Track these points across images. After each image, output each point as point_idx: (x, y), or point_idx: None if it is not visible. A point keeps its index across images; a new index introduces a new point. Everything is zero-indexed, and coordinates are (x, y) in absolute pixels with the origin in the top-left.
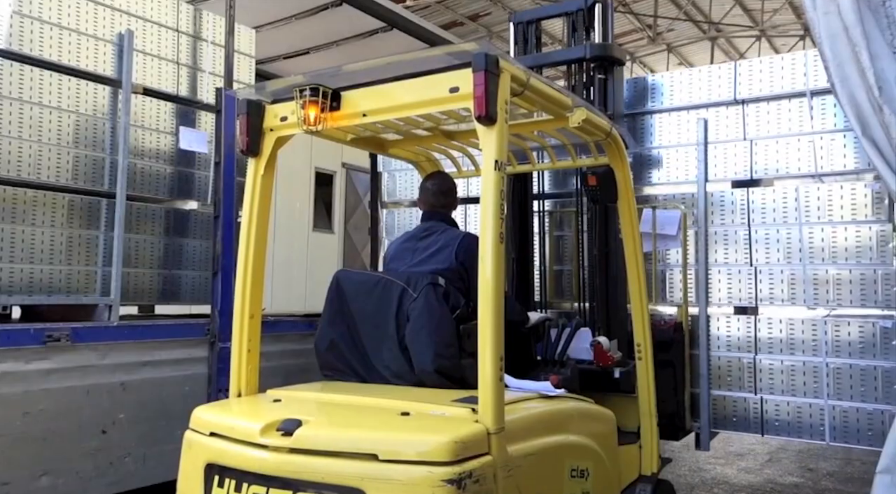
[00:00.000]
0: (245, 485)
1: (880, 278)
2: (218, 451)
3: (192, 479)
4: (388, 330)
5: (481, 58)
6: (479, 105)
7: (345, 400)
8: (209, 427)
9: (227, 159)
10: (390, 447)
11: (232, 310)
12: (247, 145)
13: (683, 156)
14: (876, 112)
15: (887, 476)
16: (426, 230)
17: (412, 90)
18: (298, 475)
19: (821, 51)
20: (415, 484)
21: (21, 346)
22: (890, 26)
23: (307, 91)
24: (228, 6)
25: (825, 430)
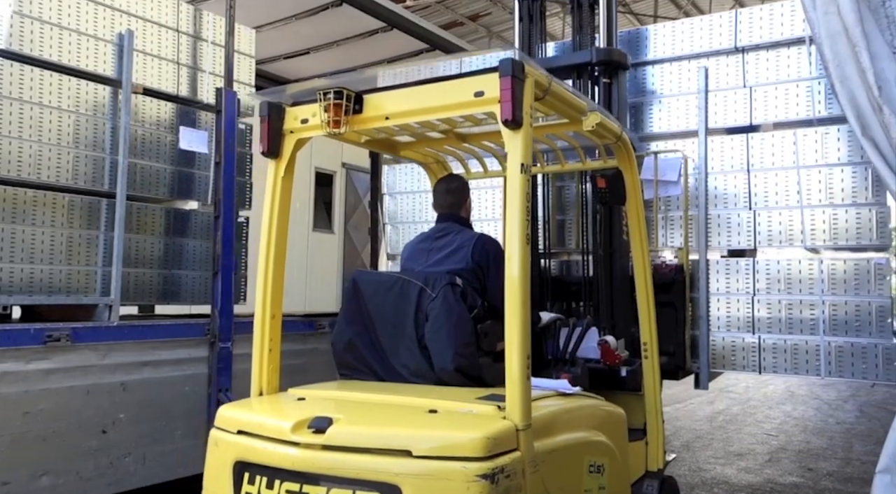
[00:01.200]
0: (277, 482)
1: (875, 217)
2: (247, 449)
3: (219, 477)
4: (407, 329)
5: (508, 63)
6: (506, 109)
7: (369, 398)
8: (237, 426)
9: (227, 159)
10: (424, 443)
11: (231, 310)
12: (268, 147)
13: (684, 104)
14: (876, 112)
15: (887, 475)
16: (441, 231)
17: (437, 94)
18: (332, 471)
19: (821, 51)
20: (449, 479)
21: (21, 346)
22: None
23: (331, 94)
24: (228, 6)
25: (821, 365)
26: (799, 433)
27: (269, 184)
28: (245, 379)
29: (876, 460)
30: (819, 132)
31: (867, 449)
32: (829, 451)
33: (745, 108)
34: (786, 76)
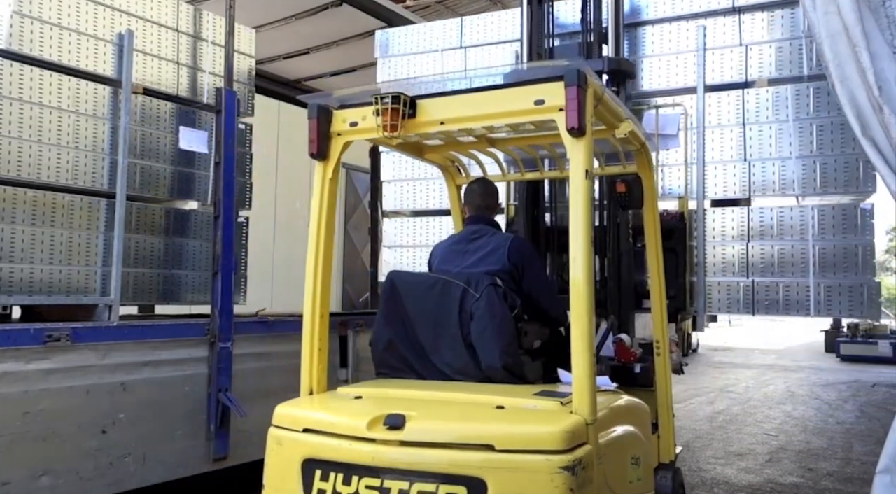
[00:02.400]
0: (355, 478)
1: (861, 166)
2: (318, 447)
3: (286, 475)
4: (450, 328)
5: (574, 73)
6: (571, 118)
7: (428, 395)
8: (302, 424)
9: (227, 159)
10: (507, 438)
11: (231, 310)
12: (317, 149)
13: (682, 62)
14: (876, 112)
15: (887, 475)
16: (475, 233)
17: (496, 101)
18: (415, 466)
19: (821, 50)
20: (534, 472)
21: (21, 346)
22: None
23: (388, 98)
24: (228, 6)
25: (810, 305)
26: (799, 433)
27: (316, 185)
28: (245, 379)
29: (876, 460)
30: (811, 87)
31: (867, 449)
32: (830, 451)
33: (740, 66)
34: (779, 35)
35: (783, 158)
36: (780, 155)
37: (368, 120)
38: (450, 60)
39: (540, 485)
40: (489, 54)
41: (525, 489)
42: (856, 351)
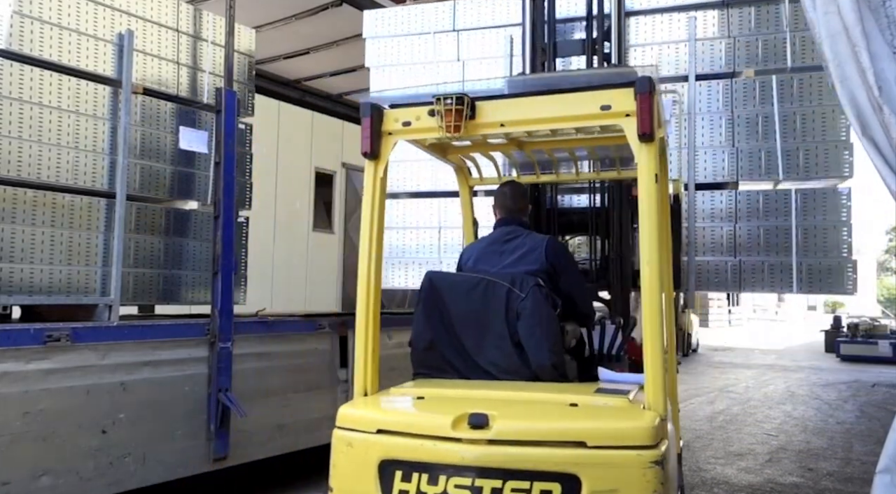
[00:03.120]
0: (443, 478)
1: (840, 153)
2: (397, 447)
3: (359, 477)
4: (496, 328)
5: (646, 81)
6: (644, 124)
7: (489, 394)
8: (375, 425)
9: (227, 159)
10: (599, 434)
11: (231, 310)
12: (371, 148)
13: (674, 51)
14: (876, 112)
15: (887, 475)
16: (509, 234)
17: (560, 105)
18: (507, 464)
19: (821, 50)
20: (627, 467)
21: (21, 346)
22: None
23: (451, 99)
24: (228, 6)
25: (793, 283)
26: (799, 433)
27: (368, 185)
28: (245, 379)
29: (876, 460)
30: (794, 79)
31: (867, 449)
32: (830, 451)
33: (728, 56)
34: (765, 29)
35: (769, 143)
36: (766, 140)
37: (423, 120)
38: (442, 44)
39: (633, 480)
40: (483, 38)
41: (618, 484)
42: (856, 351)
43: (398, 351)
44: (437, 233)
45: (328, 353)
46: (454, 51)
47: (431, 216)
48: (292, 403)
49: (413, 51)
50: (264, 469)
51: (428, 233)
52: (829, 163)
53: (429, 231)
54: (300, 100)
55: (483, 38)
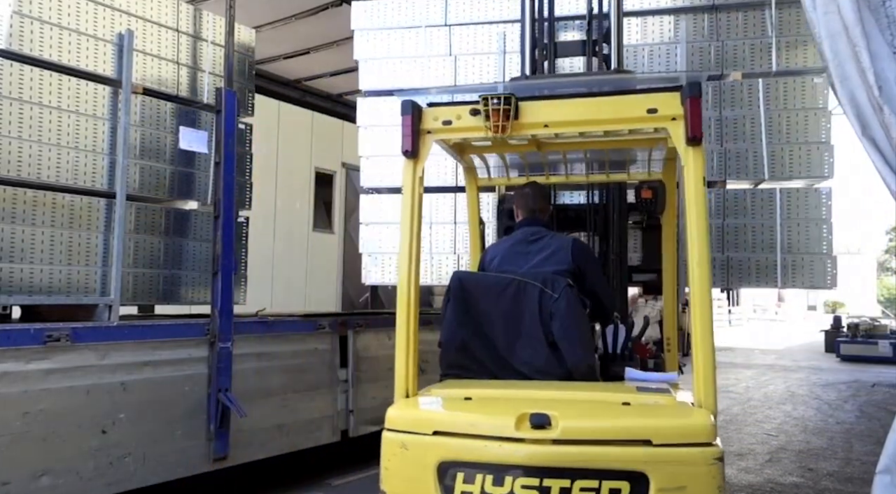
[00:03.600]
0: (509, 479)
1: (822, 154)
2: (458, 449)
3: (416, 479)
4: (529, 328)
5: (697, 86)
6: (694, 127)
7: (538, 394)
8: (430, 427)
9: (227, 159)
10: (664, 432)
11: (231, 310)
12: (411, 146)
13: (665, 52)
14: (876, 112)
15: (887, 476)
16: (534, 234)
17: (606, 107)
18: (574, 463)
19: (821, 50)
20: (692, 464)
21: (21, 346)
22: (890, 26)
23: (497, 99)
24: (228, 6)
25: (778, 277)
26: (799, 433)
27: (407, 184)
28: (245, 379)
29: (876, 460)
30: (779, 82)
31: (867, 450)
32: (830, 451)
33: (717, 59)
34: (752, 34)
35: (755, 144)
36: (753, 141)
37: (465, 119)
38: (433, 38)
39: (699, 477)
40: (475, 33)
41: (685, 481)
42: (856, 351)
43: None
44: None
45: (328, 353)
46: (446, 45)
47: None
48: (292, 403)
49: (404, 44)
50: (264, 469)
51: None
52: (810, 163)
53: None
54: (300, 100)
55: (475, 33)
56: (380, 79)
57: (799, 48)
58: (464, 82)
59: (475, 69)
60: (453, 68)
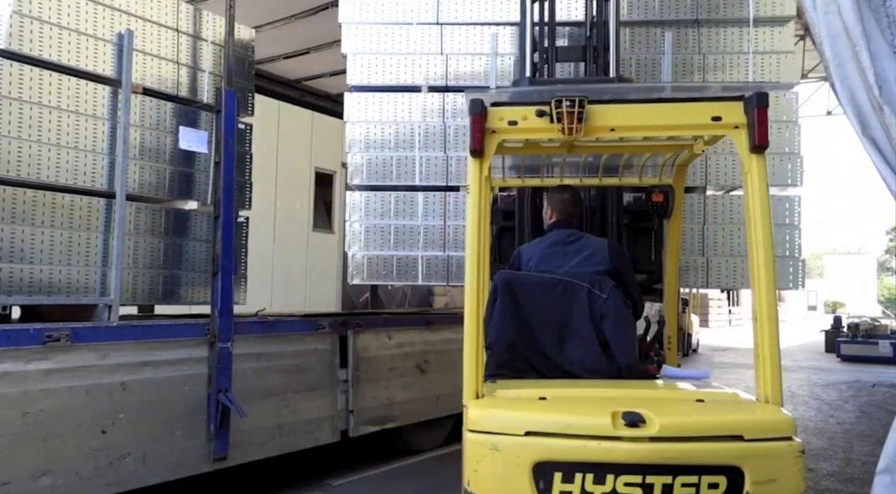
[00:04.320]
0: (611, 477)
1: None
2: (555, 449)
3: (510, 480)
4: (579, 328)
5: (765, 96)
6: (761, 136)
7: (610, 393)
8: (522, 428)
9: (227, 159)
10: (754, 427)
11: (231, 310)
12: (479, 145)
13: (651, 64)
14: (876, 112)
15: (887, 476)
16: (570, 236)
17: (672, 113)
18: (674, 460)
19: (821, 50)
20: (781, 458)
21: (21, 346)
22: (890, 26)
23: (567, 101)
24: (228, 6)
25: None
26: (800, 433)
27: (473, 184)
28: (245, 379)
29: (876, 460)
30: None
31: (867, 450)
32: (830, 451)
33: (700, 70)
34: (731, 48)
35: (734, 154)
36: (732, 151)
37: (530, 120)
38: (425, 36)
39: (787, 469)
40: (467, 33)
41: (776, 474)
42: (856, 351)
43: (398, 351)
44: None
45: (328, 353)
46: (437, 44)
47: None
48: (292, 403)
49: (395, 40)
50: (264, 469)
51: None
52: (783, 172)
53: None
54: (300, 100)
55: (467, 33)
56: (369, 74)
57: (773, 63)
58: (454, 83)
59: (467, 69)
60: (444, 67)
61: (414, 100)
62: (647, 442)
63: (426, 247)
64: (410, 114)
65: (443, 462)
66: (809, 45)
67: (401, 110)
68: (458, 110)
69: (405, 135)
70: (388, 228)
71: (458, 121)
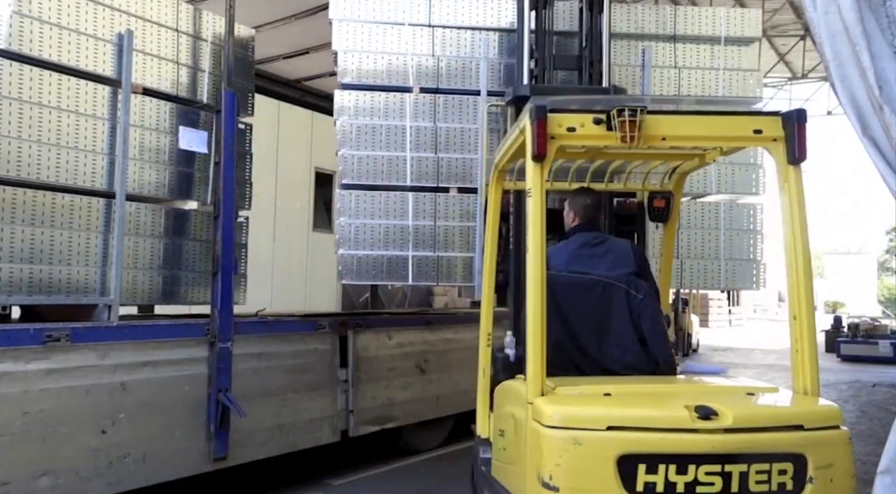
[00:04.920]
0: (692, 467)
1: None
2: (638, 442)
3: (594, 473)
4: (619, 327)
5: (804, 113)
6: (801, 150)
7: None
8: (603, 423)
9: (227, 159)
10: (813, 417)
11: (231, 310)
12: (542, 150)
13: (631, 75)
14: (876, 112)
15: (888, 476)
16: (595, 238)
17: (721, 125)
18: (748, 449)
19: (821, 50)
20: (834, 445)
21: (20, 346)
22: (890, 26)
23: (632, 111)
24: (228, 6)
25: (721, 280)
26: None
27: (535, 187)
28: (245, 379)
29: (877, 461)
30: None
31: (868, 450)
32: None
33: (675, 83)
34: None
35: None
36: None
37: (587, 127)
38: (417, 37)
39: (841, 455)
40: (458, 37)
41: (832, 460)
42: (856, 351)
43: (397, 351)
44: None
45: (328, 353)
46: (430, 45)
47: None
48: (292, 403)
49: (386, 40)
50: (264, 469)
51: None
52: (746, 181)
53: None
54: (300, 100)
55: (458, 37)
56: (359, 73)
57: (739, 80)
58: (447, 85)
59: (458, 71)
60: (436, 68)
61: (406, 100)
62: (722, 434)
63: (416, 248)
64: (402, 114)
65: (443, 462)
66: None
67: (392, 110)
68: (451, 112)
69: (397, 135)
70: (379, 228)
71: (450, 124)
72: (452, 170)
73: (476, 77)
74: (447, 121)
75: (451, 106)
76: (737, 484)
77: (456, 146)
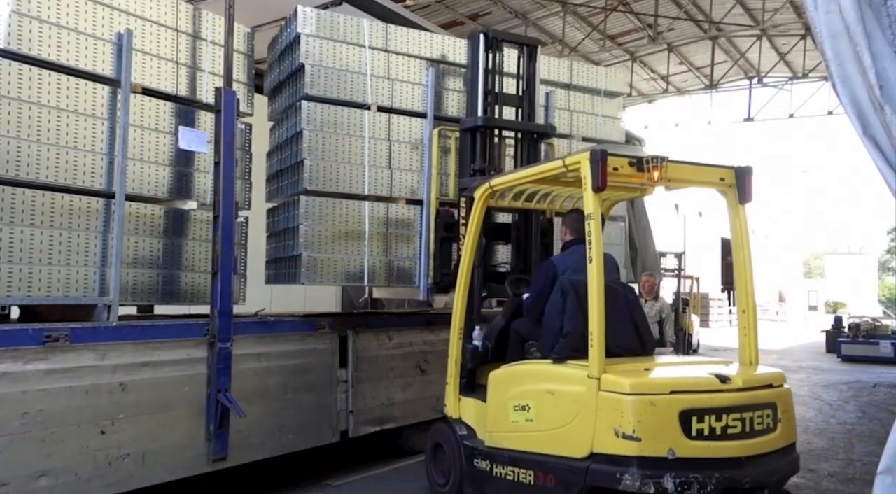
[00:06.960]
0: (725, 416)
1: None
2: (691, 401)
3: (664, 425)
4: (622, 319)
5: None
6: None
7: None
8: (667, 388)
9: (227, 159)
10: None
11: (231, 310)
12: (604, 184)
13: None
14: (877, 111)
15: (888, 476)
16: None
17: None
18: (751, 402)
19: (822, 50)
20: (786, 397)
21: (20, 346)
22: (891, 25)
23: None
24: (228, 6)
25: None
26: (800, 433)
27: (596, 213)
28: (245, 379)
29: (877, 461)
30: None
31: (868, 450)
32: (831, 452)
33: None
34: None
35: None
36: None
37: (624, 168)
38: (375, 59)
39: (789, 404)
40: (408, 64)
41: (787, 407)
42: (857, 351)
43: (397, 351)
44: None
45: (328, 353)
46: (385, 68)
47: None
48: (292, 403)
49: (350, 59)
50: (264, 470)
51: None
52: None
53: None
54: None
55: (409, 64)
56: (326, 87)
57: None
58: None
59: (408, 95)
60: (390, 91)
61: (365, 116)
62: (738, 392)
63: (371, 252)
64: (361, 129)
65: None
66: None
67: (353, 124)
68: (402, 131)
69: (356, 148)
70: (338, 232)
71: (402, 142)
72: (403, 182)
73: (422, 100)
74: (400, 139)
75: (403, 125)
76: (749, 426)
77: (406, 162)
